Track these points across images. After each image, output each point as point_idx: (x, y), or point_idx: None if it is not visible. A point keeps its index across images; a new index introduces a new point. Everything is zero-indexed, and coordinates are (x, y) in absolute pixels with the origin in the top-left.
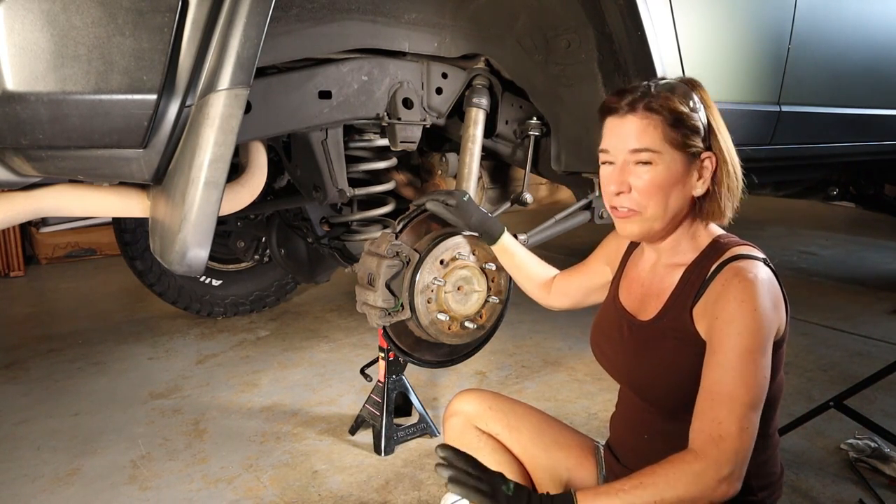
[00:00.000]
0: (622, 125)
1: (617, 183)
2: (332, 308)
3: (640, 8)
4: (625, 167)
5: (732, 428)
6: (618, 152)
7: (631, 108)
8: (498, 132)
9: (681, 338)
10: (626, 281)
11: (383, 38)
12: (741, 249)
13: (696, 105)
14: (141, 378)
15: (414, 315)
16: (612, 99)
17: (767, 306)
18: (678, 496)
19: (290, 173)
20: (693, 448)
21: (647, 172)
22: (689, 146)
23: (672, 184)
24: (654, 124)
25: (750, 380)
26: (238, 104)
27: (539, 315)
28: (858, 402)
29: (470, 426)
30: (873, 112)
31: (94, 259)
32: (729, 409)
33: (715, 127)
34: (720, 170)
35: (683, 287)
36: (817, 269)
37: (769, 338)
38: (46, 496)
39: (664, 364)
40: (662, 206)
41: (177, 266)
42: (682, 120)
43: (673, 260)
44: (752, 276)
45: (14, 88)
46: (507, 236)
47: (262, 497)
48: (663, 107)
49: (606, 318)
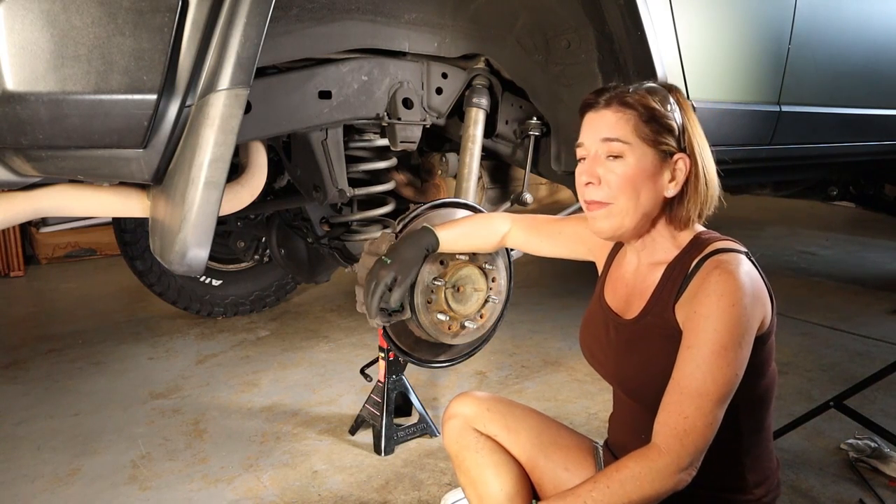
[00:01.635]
0: (597, 118)
1: (587, 174)
2: (332, 308)
3: (640, 8)
4: (596, 159)
5: (698, 423)
6: (591, 144)
7: (607, 103)
8: (498, 132)
9: (666, 335)
10: (611, 281)
11: (383, 38)
12: (723, 244)
13: (672, 107)
14: (141, 378)
15: (414, 315)
16: (591, 96)
17: (747, 301)
18: (644, 495)
19: (290, 173)
20: (656, 443)
21: (619, 166)
22: (660, 143)
23: (642, 179)
24: (628, 118)
25: (720, 377)
26: (238, 104)
27: (539, 315)
28: (858, 402)
29: (469, 428)
30: (873, 112)
31: (94, 259)
32: (697, 404)
33: (690, 130)
34: (690, 173)
35: (665, 283)
36: (817, 269)
37: (747, 332)
38: (46, 496)
39: (651, 363)
40: (632, 200)
41: (177, 266)
42: (655, 117)
43: (654, 259)
44: (731, 269)
45: (14, 88)
46: (443, 237)
47: (262, 497)
48: (638, 102)
49: (593, 318)
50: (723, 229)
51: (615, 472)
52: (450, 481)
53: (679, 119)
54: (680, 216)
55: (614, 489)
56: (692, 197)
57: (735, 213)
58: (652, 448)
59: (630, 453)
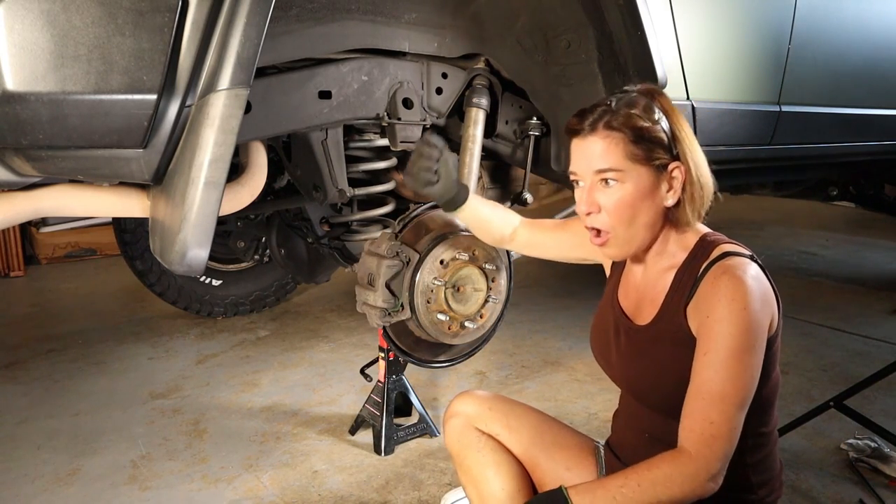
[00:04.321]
0: (585, 146)
1: (587, 203)
2: (332, 308)
3: (640, 8)
4: (593, 187)
5: (724, 428)
6: (584, 174)
7: (592, 128)
8: (498, 132)
9: (677, 340)
10: (624, 283)
11: (383, 38)
12: (729, 247)
13: (657, 116)
14: (141, 378)
15: (414, 315)
16: (574, 121)
17: (757, 304)
18: (673, 496)
19: (290, 173)
20: (685, 448)
21: (616, 192)
22: (653, 159)
23: (641, 199)
24: (616, 142)
25: (739, 380)
26: (238, 104)
27: (539, 315)
28: (858, 402)
29: (470, 427)
30: (873, 112)
31: (94, 259)
32: (720, 409)
33: (679, 135)
34: (686, 179)
35: (676, 289)
36: (817, 269)
37: (759, 335)
38: (46, 496)
39: (663, 369)
40: (631, 226)
41: (177, 266)
42: (643, 136)
43: (663, 263)
44: (740, 273)
45: (14, 88)
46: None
47: (262, 497)
48: (624, 124)
49: (604, 321)
50: (723, 229)
51: (646, 472)
52: (450, 481)
53: (667, 127)
54: (681, 219)
55: (645, 487)
56: (690, 200)
57: (735, 213)
58: (683, 452)
59: (661, 454)
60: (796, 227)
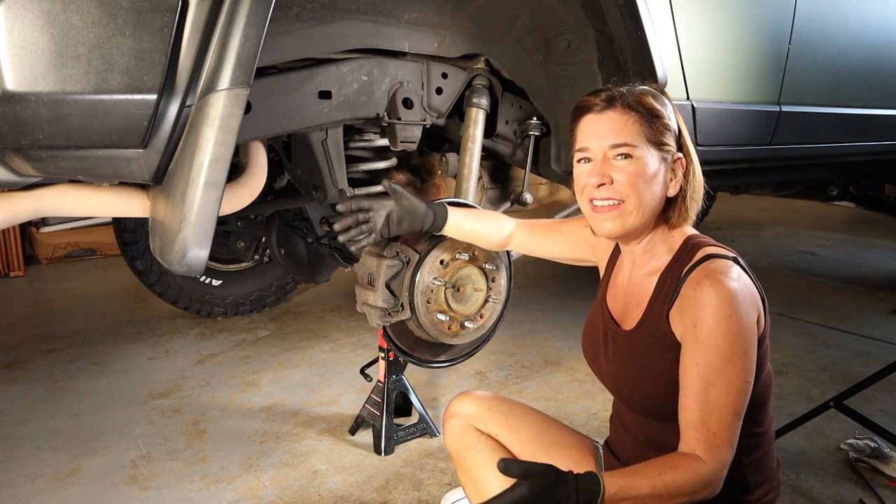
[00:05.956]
0: (601, 121)
1: (598, 175)
2: (332, 308)
3: (640, 8)
4: (605, 161)
5: (725, 437)
6: (597, 148)
7: (609, 104)
8: (498, 132)
9: (662, 345)
10: (612, 285)
11: (383, 38)
12: (712, 249)
13: (668, 108)
14: (141, 378)
15: (414, 315)
16: (588, 98)
17: (742, 308)
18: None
19: (290, 173)
20: (697, 453)
21: (629, 165)
22: (662, 144)
23: (649, 178)
24: (633, 120)
25: (733, 388)
26: (238, 104)
27: (539, 315)
28: (858, 402)
29: (469, 427)
30: (873, 112)
31: (94, 259)
32: (719, 419)
33: (682, 132)
34: (688, 172)
35: (659, 293)
36: (817, 269)
37: (749, 339)
38: (46, 496)
39: (647, 374)
40: (642, 198)
41: (177, 266)
42: (658, 117)
43: (649, 265)
44: (722, 278)
45: (14, 88)
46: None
47: (262, 497)
48: (640, 104)
49: (594, 324)
50: (724, 229)
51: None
52: (450, 481)
53: (674, 120)
54: (678, 216)
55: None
56: (690, 196)
57: (735, 213)
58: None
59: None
60: (796, 227)
